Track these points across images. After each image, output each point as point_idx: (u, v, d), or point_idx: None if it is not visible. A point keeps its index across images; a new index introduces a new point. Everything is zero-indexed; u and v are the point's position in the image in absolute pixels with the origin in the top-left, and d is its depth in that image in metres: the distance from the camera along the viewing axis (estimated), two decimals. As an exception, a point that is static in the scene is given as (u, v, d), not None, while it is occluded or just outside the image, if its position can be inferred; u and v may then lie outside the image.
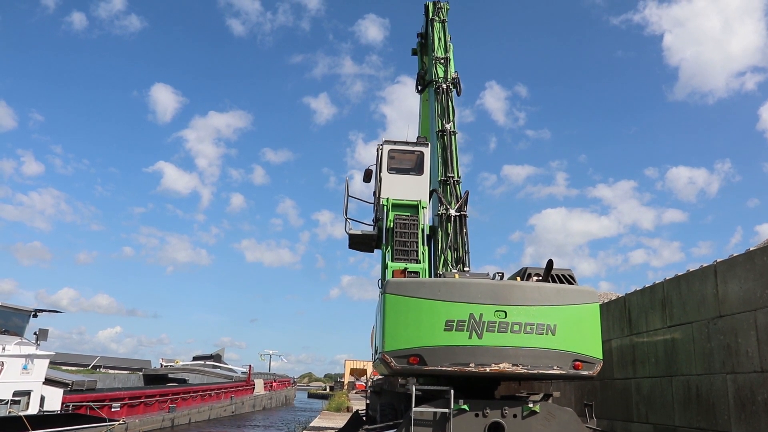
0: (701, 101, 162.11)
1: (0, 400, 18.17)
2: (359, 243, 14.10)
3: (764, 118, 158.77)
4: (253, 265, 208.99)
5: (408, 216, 12.50)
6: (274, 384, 64.39)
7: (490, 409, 8.66)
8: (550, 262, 9.66)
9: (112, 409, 26.02)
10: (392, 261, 11.56)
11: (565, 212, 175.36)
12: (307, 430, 20.46)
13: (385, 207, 12.74)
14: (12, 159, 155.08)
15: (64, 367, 44.53)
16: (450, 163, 13.06)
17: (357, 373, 66.76)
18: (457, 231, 12.19)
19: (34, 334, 20.05)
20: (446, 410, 8.54)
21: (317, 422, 23.05)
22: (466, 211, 12.42)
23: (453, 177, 12.88)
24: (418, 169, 13.46)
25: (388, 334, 8.61)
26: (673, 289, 10.09)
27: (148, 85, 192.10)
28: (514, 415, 8.66)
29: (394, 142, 13.59)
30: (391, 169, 13.36)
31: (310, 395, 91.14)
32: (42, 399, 20.04)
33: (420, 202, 12.87)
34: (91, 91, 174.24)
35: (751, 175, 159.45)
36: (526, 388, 10.71)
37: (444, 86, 14.33)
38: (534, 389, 12.04)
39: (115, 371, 54.00)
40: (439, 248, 12.27)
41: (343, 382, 70.47)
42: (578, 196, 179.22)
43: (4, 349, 18.30)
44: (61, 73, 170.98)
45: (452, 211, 12.31)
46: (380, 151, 13.58)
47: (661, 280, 10.61)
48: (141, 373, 48.28)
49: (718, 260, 8.95)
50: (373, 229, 13.85)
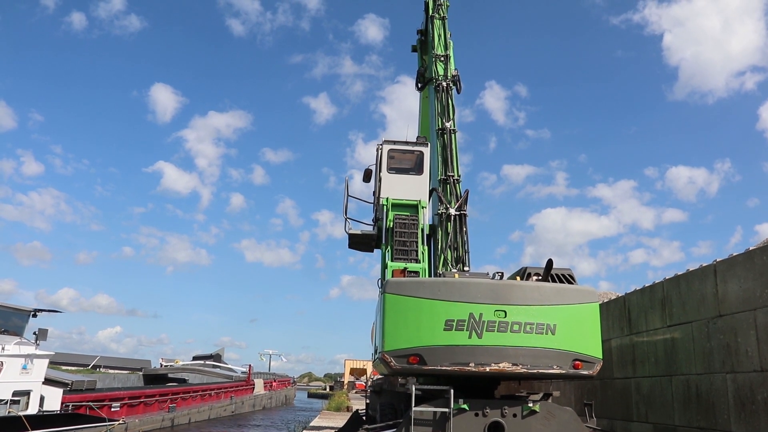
0: (701, 101, 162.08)
1: (-1, 400, 18.17)
2: (359, 243, 14.11)
3: (764, 118, 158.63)
4: (253, 265, 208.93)
5: (408, 216, 12.50)
6: (274, 384, 64.39)
7: (490, 409, 8.67)
8: (550, 262, 9.67)
9: (112, 409, 26.01)
10: (392, 261, 11.56)
11: (564, 212, 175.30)
12: (308, 430, 20.46)
13: (385, 207, 12.74)
14: (12, 159, 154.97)
15: (63, 367, 44.50)
16: (450, 162, 13.07)
17: (357, 373, 66.72)
18: (457, 230, 12.20)
19: (34, 334, 20.03)
20: (446, 410, 8.54)
21: (317, 422, 23.05)
22: (466, 211, 12.44)
23: (453, 176, 12.89)
24: (418, 169, 13.45)
25: (388, 334, 8.62)
26: (672, 289, 10.10)
27: (148, 85, 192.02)
28: (514, 415, 8.67)
29: (394, 142, 13.59)
30: (390, 169, 13.36)
31: (310, 395, 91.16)
32: (41, 399, 20.02)
33: (420, 201, 12.87)
34: (91, 91, 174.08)
35: (750, 174, 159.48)
36: (526, 388, 10.70)
37: (444, 84, 14.30)
38: (534, 389, 12.04)
39: (115, 371, 53.96)
40: (439, 248, 12.28)
41: (343, 382, 70.43)
42: (578, 195, 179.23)
43: (3, 349, 18.28)
44: (60, 73, 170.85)
45: (452, 211, 12.32)
46: (380, 151, 13.58)
47: (661, 279, 10.62)
48: (141, 373, 48.25)
49: (718, 260, 8.95)
50: (373, 229, 13.86)
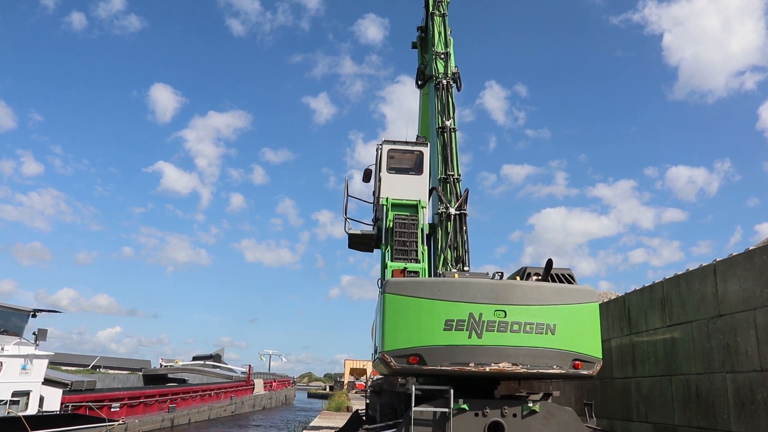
0: (701, 101, 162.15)
1: (-1, 401, 18.16)
2: (359, 243, 14.10)
3: (764, 118, 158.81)
4: (252, 265, 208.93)
5: (407, 216, 12.48)
6: (274, 384, 64.40)
7: (490, 409, 8.67)
8: (550, 262, 9.66)
9: (112, 410, 25.99)
10: (392, 261, 11.55)
11: (564, 212, 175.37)
12: (308, 430, 20.46)
13: (385, 207, 12.72)
14: (11, 159, 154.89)
15: (63, 367, 44.48)
16: (450, 161, 13.03)
17: (357, 373, 66.69)
18: (457, 230, 12.18)
19: (33, 334, 20.04)
20: (446, 410, 8.54)
21: (317, 422, 23.05)
22: (466, 210, 12.41)
23: (453, 175, 12.85)
24: (418, 169, 13.44)
25: (388, 334, 8.61)
26: (672, 289, 10.09)
27: (148, 85, 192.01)
28: (514, 415, 8.67)
29: (394, 142, 13.58)
30: (390, 169, 13.35)
31: (310, 395, 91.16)
32: (41, 399, 20.03)
33: (419, 201, 12.85)
34: (91, 91, 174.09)
35: (750, 174, 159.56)
36: (526, 388, 10.69)
37: (444, 82, 14.24)
38: (534, 389, 12.03)
39: (115, 371, 53.96)
40: (439, 247, 12.26)
41: (343, 382, 70.42)
42: (578, 195, 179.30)
43: (3, 349, 18.29)
44: (60, 73, 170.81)
45: (452, 210, 12.30)
46: (380, 151, 13.57)
47: (661, 279, 10.62)
48: (140, 373, 48.27)
49: (718, 259, 8.95)
50: (373, 229, 13.84)
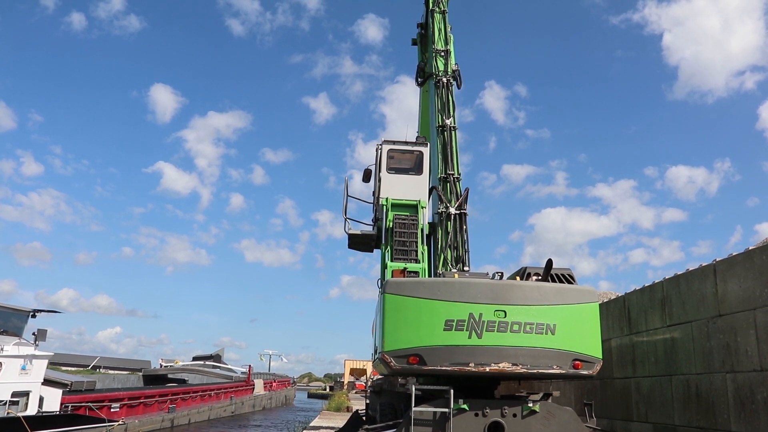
0: (701, 100, 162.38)
1: (-1, 401, 18.15)
2: (359, 243, 14.09)
3: (764, 117, 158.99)
4: (252, 265, 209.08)
5: (407, 216, 12.47)
6: (274, 384, 64.38)
7: (490, 409, 8.66)
8: (550, 262, 9.65)
9: (112, 410, 25.97)
10: (392, 261, 11.54)
11: (564, 212, 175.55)
12: (308, 430, 20.45)
13: (385, 207, 12.71)
14: (11, 159, 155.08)
15: (63, 368, 44.49)
16: (450, 160, 13.00)
17: (357, 373, 66.69)
18: (457, 229, 12.16)
19: (33, 334, 20.04)
20: (446, 410, 8.53)
21: (317, 422, 23.04)
22: (466, 209, 12.39)
23: (453, 174, 12.82)
24: (418, 169, 13.43)
25: (388, 334, 8.61)
26: (672, 289, 10.09)
27: (148, 86, 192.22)
28: (514, 415, 8.66)
29: (394, 142, 13.57)
30: (390, 169, 13.34)
31: (310, 395, 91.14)
32: (41, 399, 20.02)
33: (419, 201, 12.84)
34: (91, 91, 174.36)
35: (750, 174, 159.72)
36: (526, 388, 10.69)
37: (444, 80, 14.20)
38: (534, 389, 12.03)
39: (115, 371, 54.00)
40: (439, 247, 12.25)
41: (343, 382, 70.43)
42: (578, 195, 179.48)
43: (2, 349, 18.28)
44: (60, 73, 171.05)
45: (452, 209, 12.29)
46: (379, 151, 13.56)
47: (661, 279, 10.61)
48: (140, 374, 48.28)
49: (718, 259, 8.94)
50: (373, 229, 13.84)
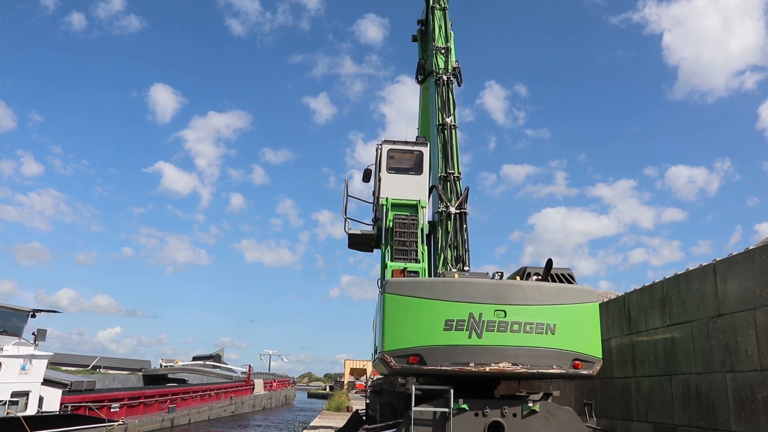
0: (701, 100, 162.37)
1: (-1, 401, 18.14)
2: (359, 243, 14.09)
3: (764, 117, 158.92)
4: (252, 265, 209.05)
5: (407, 215, 12.47)
6: (274, 384, 64.33)
7: (490, 409, 8.66)
8: (550, 262, 9.65)
9: (111, 410, 25.95)
10: (392, 260, 11.54)
11: (564, 211, 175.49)
12: (308, 430, 20.44)
13: (385, 207, 12.71)
14: (11, 159, 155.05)
15: (63, 368, 44.49)
16: (450, 159, 12.97)
17: (357, 373, 66.70)
18: (457, 229, 12.15)
19: (33, 334, 20.02)
20: (446, 410, 8.53)
21: (317, 422, 23.04)
22: (466, 209, 12.37)
23: (453, 173, 12.80)
24: (418, 169, 13.42)
25: (388, 334, 8.60)
26: (672, 288, 10.09)
27: (148, 86, 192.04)
28: (514, 415, 8.66)
29: (393, 142, 13.57)
30: (390, 169, 13.34)
31: (310, 395, 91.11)
32: (40, 399, 20.01)
33: (419, 201, 12.84)
34: (91, 91, 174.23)
35: (750, 174, 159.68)
36: (526, 388, 10.69)
37: (444, 78, 14.14)
38: (534, 388, 12.03)
39: (115, 371, 53.96)
40: (439, 246, 12.25)
41: (343, 382, 70.42)
42: (578, 195, 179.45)
43: (2, 349, 18.27)
44: (60, 73, 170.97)
45: (452, 209, 12.27)
46: (379, 151, 13.56)
47: (661, 279, 10.61)
48: (140, 374, 48.23)
49: (718, 259, 8.94)
50: (373, 229, 13.83)
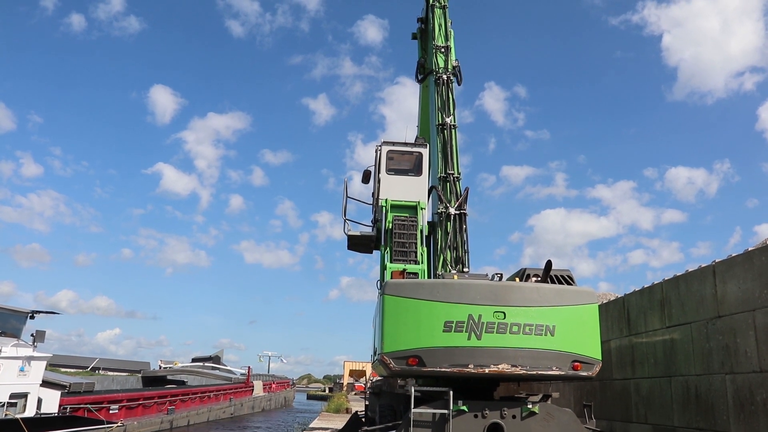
0: (700, 101, 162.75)
1: (-3, 403, 18.10)
2: (358, 244, 14.09)
3: (763, 118, 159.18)
4: (252, 267, 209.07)
5: (407, 217, 12.46)
6: (273, 385, 64.24)
7: (489, 410, 8.65)
8: (549, 263, 9.65)
9: (111, 411, 25.89)
10: (391, 262, 11.53)
11: (564, 213, 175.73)
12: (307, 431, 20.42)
13: (384, 208, 12.70)
14: (11, 161, 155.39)
15: (62, 369, 44.47)
16: (450, 159, 12.91)
17: (356, 375, 66.71)
18: (457, 230, 12.13)
19: (32, 335, 19.95)
20: (445, 411, 8.52)
21: (316, 423, 23.02)
22: (465, 210, 12.33)
23: (453, 174, 12.74)
24: (417, 170, 13.42)
25: (387, 336, 8.60)
26: (671, 290, 10.08)
27: (147, 87, 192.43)
28: (513, 416, 8.65)
29: (393, 143, 13.56)
30: (389, 170, 13.33)
31: (310, 396, 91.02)
32: (39, 401, 19.94)
33: (419, 203, 12.82)
34: (90, 92, 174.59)
35: (750, 175, 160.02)
36: (526, 389, 10.69)
37: (444, 77, 14.02)
38: (533, 390, 12.02)
39: (114, 373, 53.92)
40: (439, 248, 12.23)
41: (343, 384, 70.42)
42: (577, 196, 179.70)
43: (0, 351, 18.23)
44: (60, 74, 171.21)
45: (452, 210, 12.25)
46: (379, 152, 13.55)
47: (660, 280, 10.60)
48: (140, 375, 48.16)
49: (717, 260, 8.93)
50: (372, 230, 13.83)
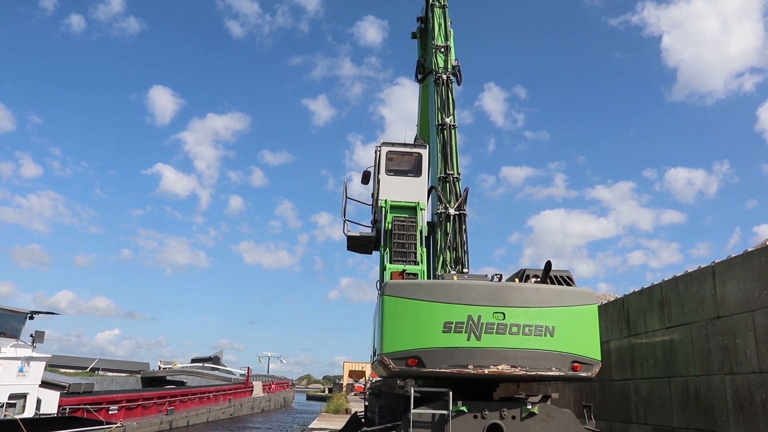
0: (700, 102, 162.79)
1: (-4, 403, 18.09)
2: (358, 245, 14.08)
3: (762, 119, 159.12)
4: (251, 267, 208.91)
5: (406, 218, 12.46)
6: (273, 386, 64.22)
7: (489, 411, 8.65)
8: (549, 264, 9.65)
9: (110, 412, 25.86)
10: (390, 263, 11.53)
11: (563, 213, 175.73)
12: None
13: (384, 209, 12.71)
14: (10, 161, 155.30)
15: (62, 370, 44.45)
16: (450, 159, 12.89)
17: (356, 375, 66.73)
18: (456, 230, 12.12)
19: (31, 336, 19.94)
20: (445, 412, 8.52)
21: (316, 424, 23.01)
22: (465, 210, 12.32)
23: (452, 174, 12.72)
24: (416, 171, 13.43)
25: (387, 336, 8.59)
26: (671, 290, 10.09)
27: (147, 87, 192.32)
28: (513, 417, 8.65)
29: (393, 144, 13.57)
30: (389, 171, 13.35)
31: (309, 397, 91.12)
32: (38, 402, 19.93)
33: (418, 203, 12.82)
34: (90, 93, 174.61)
35: (749, 176, 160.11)
36: (525, 390, 10.69)
37: (444, 77, 13.99)
38: (533, 391, 12.02)
39: (113, 373, 53.89)
40: (438, 248, 12.22)
41: (342, 384, 70.43)
42: (577, 197, 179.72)
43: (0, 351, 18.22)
44: (59, 75, 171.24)
45: (452, 210, 12.24)
46: (378, 153, 13.56)
47: (660, 281, 10.60)
48: (139, 376, 48.09)
49: (717, 261, 8.93)
50: (372, 231, 13.83)
